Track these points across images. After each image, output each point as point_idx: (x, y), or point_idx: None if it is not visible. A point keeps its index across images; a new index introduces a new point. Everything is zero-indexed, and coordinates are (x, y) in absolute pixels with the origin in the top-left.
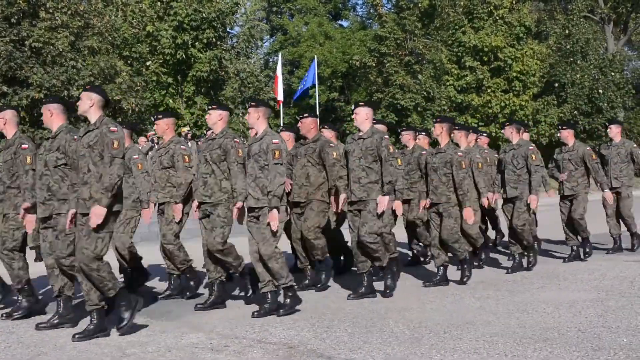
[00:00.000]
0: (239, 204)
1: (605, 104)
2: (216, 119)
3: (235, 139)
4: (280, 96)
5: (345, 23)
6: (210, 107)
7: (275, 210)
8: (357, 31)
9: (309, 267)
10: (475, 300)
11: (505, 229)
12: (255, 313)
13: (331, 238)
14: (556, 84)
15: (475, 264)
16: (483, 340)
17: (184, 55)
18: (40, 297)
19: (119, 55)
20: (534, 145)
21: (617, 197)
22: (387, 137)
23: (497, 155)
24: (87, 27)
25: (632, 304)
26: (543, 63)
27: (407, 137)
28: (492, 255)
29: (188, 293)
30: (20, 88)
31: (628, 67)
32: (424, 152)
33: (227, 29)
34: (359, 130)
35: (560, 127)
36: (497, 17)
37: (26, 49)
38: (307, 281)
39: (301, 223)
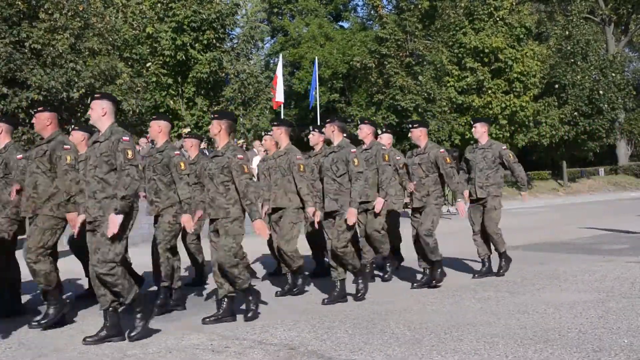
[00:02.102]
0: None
1: (606, 105)
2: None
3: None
4: (279, 97)
5: (345, 24)
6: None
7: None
8: (358, 32)
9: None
10: (476, 302)
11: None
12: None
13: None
14: (556, 85)
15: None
16: (484, 342)
17: (184, 57)
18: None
19: (120, 57)
20: (387, 147)
21: (482, 209)
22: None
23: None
24: (87, 28)
25: (633, 306)
26: (543, 64)
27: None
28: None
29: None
30: (20, 90)
31: (629, 68)
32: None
33: (227, 30)
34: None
35: (410, 126)
36: (498, 19)
37: (26, 51)
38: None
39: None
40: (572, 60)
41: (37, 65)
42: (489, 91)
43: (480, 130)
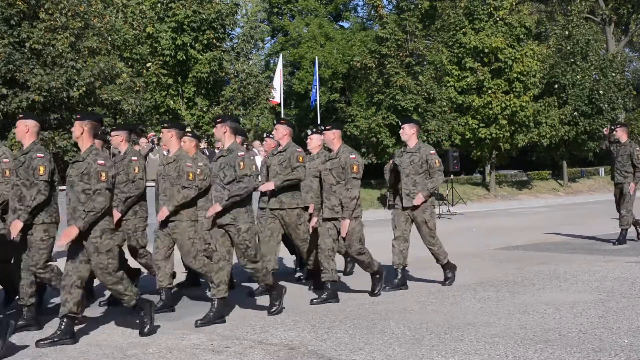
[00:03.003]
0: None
1: (606, 105)
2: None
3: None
4: (277, 97)
5: (345, 24)
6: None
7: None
8: (358, 32)
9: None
10: (476, 302)
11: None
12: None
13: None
14: (556, 85)
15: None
16: (484, 342)
17: (184, 57)
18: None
19: (120, 57)
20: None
21: (409, 218)
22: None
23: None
24: (87, 27)
25: (633, 305)
26: (543, 64)
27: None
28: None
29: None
30: (20, 90)
31: (629, 68)
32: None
33: (227, 30)
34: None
35: (322, 129)
36: (498, 18)
37: (26, 51)
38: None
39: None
40: (572, 60)
41: (37, 66)
42: (489, 91)
43: (408, 132)
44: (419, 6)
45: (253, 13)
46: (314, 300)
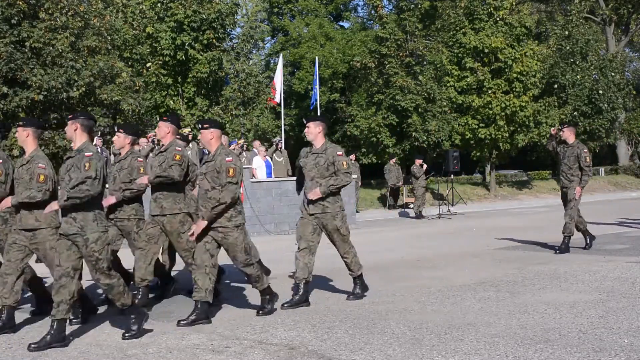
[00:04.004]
0: None
1: (606, 105)
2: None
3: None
4: (277, 97)
5: (346, 24)
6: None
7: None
8: (358, 32)
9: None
10: (476, 302)
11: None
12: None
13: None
14: (555, 85)
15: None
16: (484, 342)
17: (184, 57)
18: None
19: (120, 57)
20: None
21: (317, 226)
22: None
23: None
24: (87, 27)
25: (633, 306)
26: (543, 64)
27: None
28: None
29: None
30: (20, 89)
31: (629, 68)
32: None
33: (228, 30)
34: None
35: (200, 126)
36: (498, 18)
37: (26, 50)
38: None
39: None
40: (572, 60)
41: (37, 65)
42: (489, 91)
43: (314, 131)
44: (419, 6)
45: (253, 13)
46: (182, 322)
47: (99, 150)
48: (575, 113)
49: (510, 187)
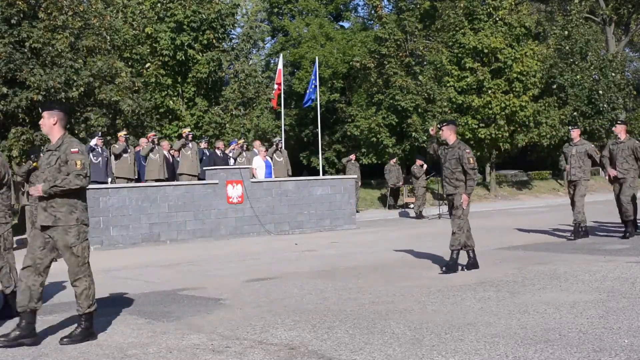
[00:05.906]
0: None
1: (606, 105)
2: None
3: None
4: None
5: (346, 24)
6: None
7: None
8: (358, 32)
9: None
10: (476, 302)
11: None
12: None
13: None
14: (554, 86)
15: None
16: (484, 342)
17: (183, 57)
18: None
19: (120, 57)
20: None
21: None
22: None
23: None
24: (87, 27)
25: (633, 306)
26: (543, 64)
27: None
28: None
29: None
30: (20, 89)
31: (629, 68)
32: None
33: (227, 30)
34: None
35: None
36: (497, 18)
37: (26, 50)
38: None
39: None
40: (571, 60)
41: (36, 65)
42: (489, 91)
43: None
44: (419, 6)
45: (253, 13)
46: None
47: (100, 150)
48: (575, 113)
49: (510, 187)
